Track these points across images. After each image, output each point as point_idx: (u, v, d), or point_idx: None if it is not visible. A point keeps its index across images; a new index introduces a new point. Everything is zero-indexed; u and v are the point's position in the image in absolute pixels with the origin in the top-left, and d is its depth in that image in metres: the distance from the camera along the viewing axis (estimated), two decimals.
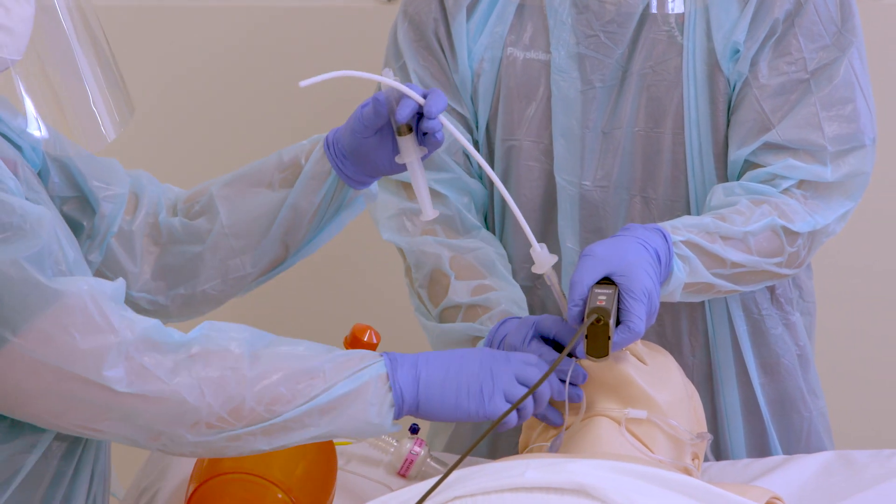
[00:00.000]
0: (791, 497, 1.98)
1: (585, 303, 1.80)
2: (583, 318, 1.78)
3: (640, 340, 1.90)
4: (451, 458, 2.10)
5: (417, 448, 2.06)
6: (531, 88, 2.16)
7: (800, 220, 2.05)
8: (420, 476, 2.06)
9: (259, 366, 1.63)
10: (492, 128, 2.20)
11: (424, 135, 1.83)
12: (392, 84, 1.79)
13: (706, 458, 2.14)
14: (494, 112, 2.19)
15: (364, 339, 1.99)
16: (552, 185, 2.18)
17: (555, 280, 1.92)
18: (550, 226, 2.20)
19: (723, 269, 2.01)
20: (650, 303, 1.83)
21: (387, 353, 1.70)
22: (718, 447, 2.24)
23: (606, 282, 1.83)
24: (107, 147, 1.75)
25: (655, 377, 1.88)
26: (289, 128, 2.98)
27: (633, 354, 1.89)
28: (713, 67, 2.10)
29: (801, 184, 2.08)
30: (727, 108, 2.11)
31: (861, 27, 2.10)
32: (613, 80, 2.14)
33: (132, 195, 1.90)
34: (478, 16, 2.18)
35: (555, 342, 1.90)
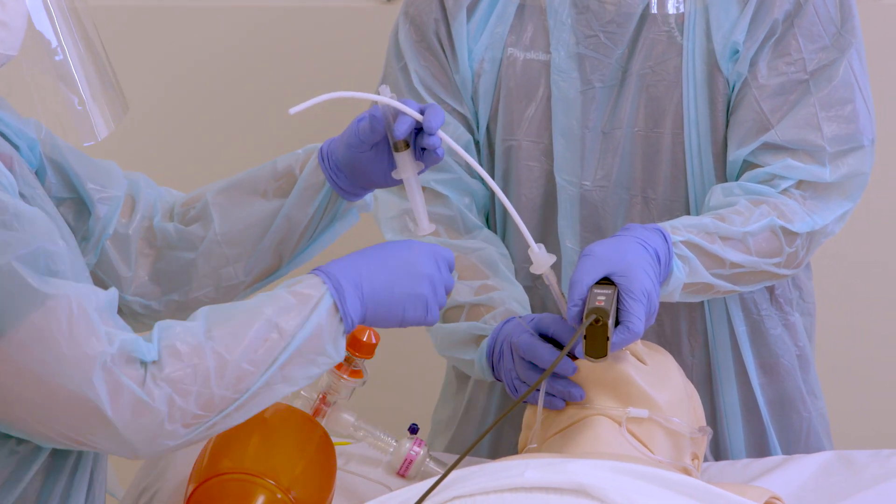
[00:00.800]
0: (791, 497, 1.98)
1: (584, 303, 1.80)
2: (582, 318, 1.79)
3: (640, 340, 1.90)
4: (451, 459, 2.10)
5: (417, 448, 2.06)
6: (531, 88, 2.16)
7: (799, 221, 2.05)
8: (419, 476, 2.06)
9: (217, 351, 1.59)
10: (492, 128, 2.20)
11: (423, 150, 1.81)
12: (389, 102, 1.78)
13: (705, 459, 2.14)
14: (495, 112, 2.19)
15: (363, 339, 1.99)
16: (552, 185, 2.18)
17: (553, 280, 1.92)
18: (550, 226, 2.20)
19: (722, 270, 2.01)
20: (649, 303, 1.84)
21: (326, 277, 1.67)
22: (718, 447, 2.24)
23: (606, 282, 1.83)
24: (105, 148, 1.75)
25: (655, 377, 1.88)
26: (288, 128, 2.98)
27: (633, 354, 1.89)
28: (713, 68, 2.10)
29: (800, 184, 2.08)
30: (726, 109, 2.11)
31: (860, 28, 2.10)
32: (613, 81, 2.14)
33: (129, 198, 1.89)
34: (478, 16, 2.18)
35: (554, 341, 1.90)
